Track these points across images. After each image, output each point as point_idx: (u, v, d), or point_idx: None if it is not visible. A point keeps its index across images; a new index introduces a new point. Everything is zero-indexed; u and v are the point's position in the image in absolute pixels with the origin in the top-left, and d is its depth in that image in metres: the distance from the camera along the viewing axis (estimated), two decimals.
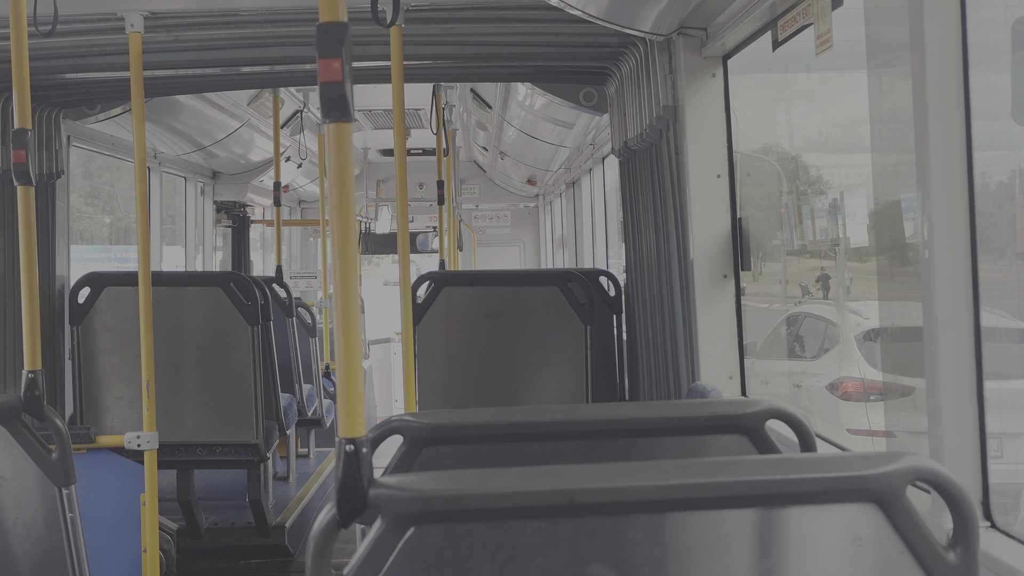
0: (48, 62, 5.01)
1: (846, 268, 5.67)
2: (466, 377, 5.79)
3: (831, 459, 1.69)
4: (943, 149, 2.55)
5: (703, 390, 3.83)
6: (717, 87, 4.41)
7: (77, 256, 7.04)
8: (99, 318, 5.95)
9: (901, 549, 1.59)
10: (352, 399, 1.62)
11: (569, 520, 1.58)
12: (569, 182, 11.86)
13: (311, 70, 5.49)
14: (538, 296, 5.73)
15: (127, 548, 4.59)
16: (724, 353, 4.38)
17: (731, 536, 1.62)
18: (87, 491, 4.37)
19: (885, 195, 4.36)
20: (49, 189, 5.95)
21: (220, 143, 8.89)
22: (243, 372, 6.04)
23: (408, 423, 2.26)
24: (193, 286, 6.15)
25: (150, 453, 4.42)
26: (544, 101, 7.04)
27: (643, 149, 4.90)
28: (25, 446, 3.08)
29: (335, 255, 1.65)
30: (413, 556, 1.55)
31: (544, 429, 2.32)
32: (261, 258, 14.02)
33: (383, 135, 12.20)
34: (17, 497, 3.14)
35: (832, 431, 5.71)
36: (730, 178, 4.43)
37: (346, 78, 1.59)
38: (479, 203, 14.66)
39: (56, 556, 3.16)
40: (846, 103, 5.13)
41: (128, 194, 9.94)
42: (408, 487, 1.56)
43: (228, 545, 6.74)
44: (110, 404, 5.97)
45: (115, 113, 6.35)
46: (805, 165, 6.07)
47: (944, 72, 2.55)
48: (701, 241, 4.38)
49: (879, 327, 5.48)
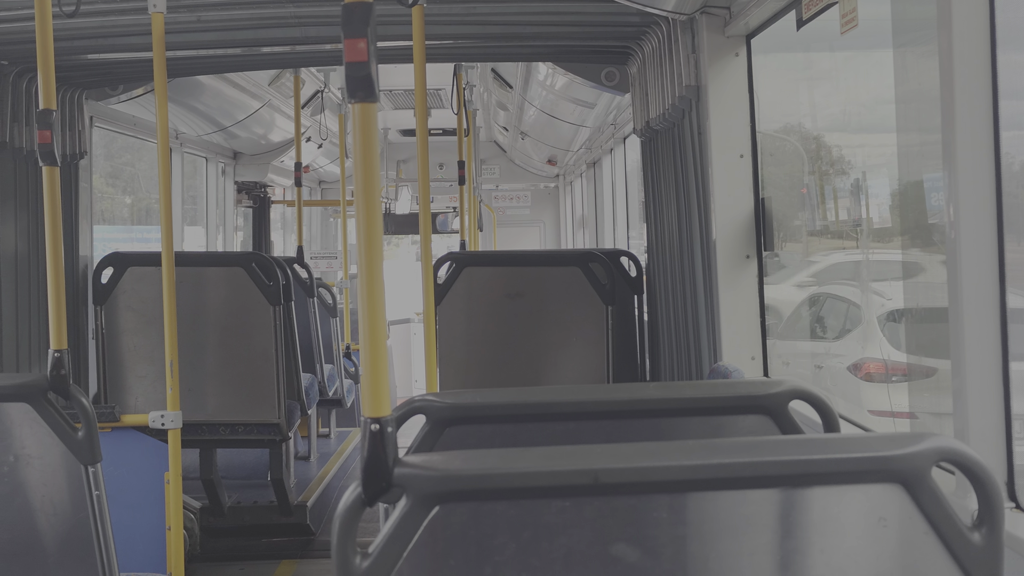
0: (71, 43, 5.03)
1: (868, 248, 5.63)
2: (487, 357, 5.80)
3: (855, 439, 1.68)
4: (970, 129, 2.53)
5: (725, 370, 3.83)
6: (740, 67, 4.38)
7: (99, 236, 7.07)
8: (122, 298, 5.99)
9: (926, 529, 1.59)
10: (377, 379, 1.63)
11: (593, 499, 1.58)
12: (590, 162, 11.83)
13: (332, 50, 5.49)
14: (559, 276, 5.73)
15: (151, 526, 4.63)
16: (746, 334, 4.37)
17: (754, 516, 1.62)
18: (112, 469, 4.40)
19: (909, 175, 4.33)
20: (72, 170, 5.98)
21: (241, 123, 8.90)
22: (265, 352, 6.07)
23: (431, 403, 2.27)
24: (215, 266, 6.17)
25: (174, 432, 4.45)
26: (565, 81, 7.02)
27: (665, 129, 4.88)
28: (52, 425, 3.10)
29: (360, 236, 1.65)
30: (438, 535, 1.56)
31: (566, 409, 2.33)
32: (281, 238, 14.06)
33: (403, 115, 12.20)
34: (44, 475, 3.17)
35: (854, 412, 5.69)
36: (753, 158, 4.41)
37: (371, 58, 1.59)
38: (499, 183, 14.65)
39: (82, 533, 3.19)
40: (870, 82, 5.08)
41: (148, 174, 9.98)
42: (433, 466, 1.57)
43: (250, 523, 6.78)
44: (133, 383, 6.01)
45: (137, 94, 6.37)
46: (827, 145, 6.03)
47: (971, 51, 2.53)
48: (723, 221, 4.36)
49: (903, 308, 5.45)
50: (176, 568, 4.41)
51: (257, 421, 6.15)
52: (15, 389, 3.13)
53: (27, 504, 3.20)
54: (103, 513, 3.19)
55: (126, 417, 4.80)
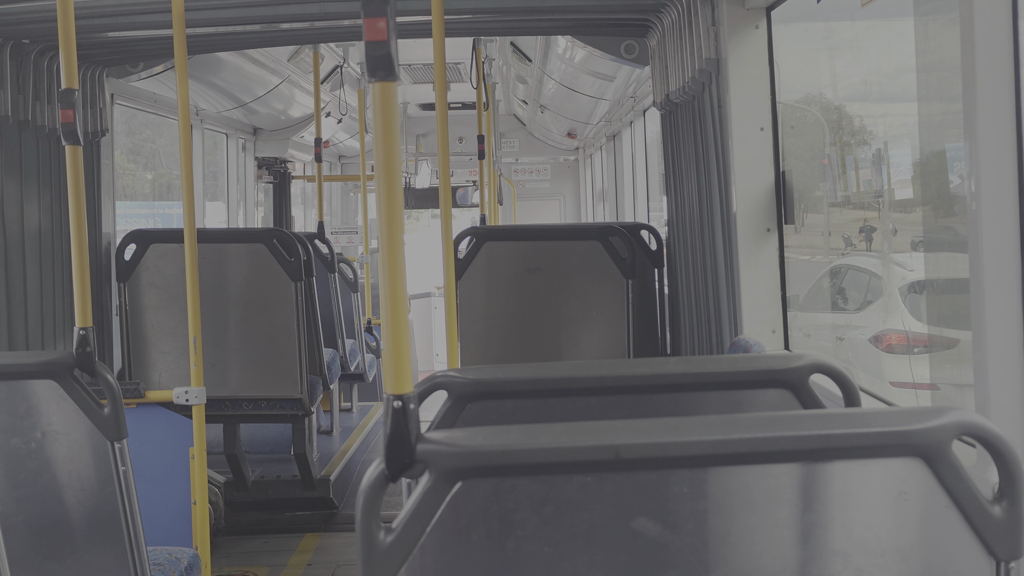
0: (92, 21, 5.04)
1: (890, 219, 5.60)
2: (507, 332, 5.81)
3: (876, 414, 1.69)
4: (991, 98, 2.51)
5: (746, 344, 3.83)
6: (760, 39, 4.36)
7: (120, 212, 7.11)
8: (145, 275, 6.03)
9: (946, 503, 1.59)
10: (399, 355, 1.64)
11: (614, 475, 1.59)
12: (609, 135, 11.78)
13: (351, 26, 5.48)
14: (579, 250, 5.72)
15: (177, 500, 4.68)
16: (767, 307, 4.37)
17: (775, 491, 1.62)
18: (137, 445, 4.44)
19: (931, 145, 4.30)
20: (94, 147, 6.00)
21: (261, 99, 8.91)
22: (287, 328, 6.10)
23: (453, 379, 2.28)
24: (237, 243, 6.20)
25: (198, 408, 4.48)
26: (584, 54, 6.99)
27: (685, 102, 4.86)
28: (78, 401, 3.14)
29: (381, 212, 1.65)
30: (460, 510, 1.58)
31: (587, 384, 2.34)
32: (302, 213, 14.09)
33: (422, 89, 12.17)
34: (71, 451, 3.21)
35: (875, 384, 5.68)
36: (773, 131, 4.39)
37: (391, 36, 1.58)
38: (519, 157, 14.61)
39: (109, 508, 3.23)
40: (891, 52, 5.04)
41: (169, 150, 10.01)
42: (455, 442, 1.58)
43: (274, 498, 6.84)
44: (157, 359, 6.06)
45: (157, 71, 6.39)
46: (848, 115, 6.00)
47: (993, 19, 2.51)
48: (744, 194, 4.35)
49: (924, 279, 5.43)
50: (202, 542, 4.46)
51: (280, 396, 6.20)
52: (42, 367, 3.17)
53: (54, 480, 3.25)
54: (130, 488, 3.23)
55: (151, 393, 4.84)
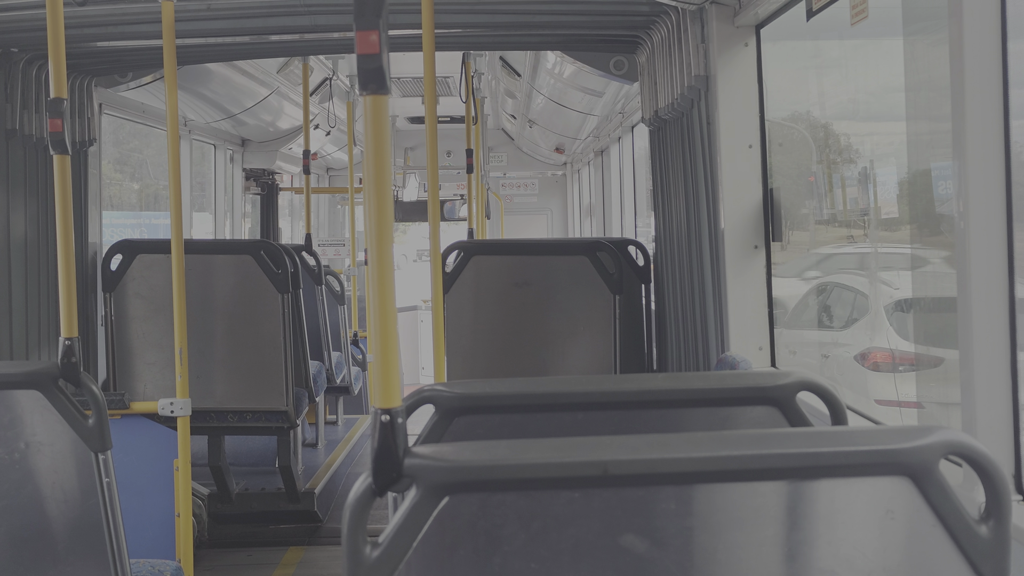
0: (81, 30, 5.03)
1: (876, 238, 5.62)
2: (494, 346, 5.81)
3: (863, 432, 1.69)
4: (980, 118, 2.52)
5: (733, 361, 3.83)
6: (750, 57, 4.38)
7: (107, 222, 7.09)
8: (131, 285, 6.00)
9: (933, 523, 1.59)
10: (387, 370, 1.63)
11: (602, 491, 1.59)
12: (598, 150, 11.81)
13: (341, 38, 5.48)
14: (567, 265, 5.73)
15: (160, 512, 4.65)
16: (754, 324, 4.38)
17: (762, 508, 1.62)
18: (121, 456, 4.41)
19: (918, 164, 4.32)
20: (82, 157, 5.99)
21: (249, 111, 8.91)
22: (273, 340, 6.08)
23: (440, 393, 2.27)
24: (224, 254, 6.18)
25: (183, 419, 4.46)
26: (573, 69, 7.00)
27: (674, 119, 4.88)
28: (62, 412, 3.11)
29: (370, 226, 1.65)
30: (447, 525, 1.57)
31: (575, 400, 2.33)
32: (289, 225, 14.06)
33: (411, 103, 12.18)
34: (54, 462, 3.19)
35: (860, 401, 5.69)
36: (762, 148, 4.41)
37: (383, 50, 1.58)
38: (507, 171, 14.62)
39: (92, 520, 3.21)
40: (879, 71, 5.07)
41: (156, 160, 9.99)
42: (443, 457, 1.58)
43: (258, 510, 6.81)
44: (142, 370, 6.03)
45: (146, 81, 6.37)
46: (835, 133, 6.02)
47: (982, 40, 2.52)
48: (732, 211, 4.36)
49: (910, 297, 5.44)
50: (185, 554, 4.43)
51: (265, 408, 6.17)
52: (26, 377, 3.14)
53: (37, 491, 3.22)
54: (113, 500, 3.20)
55: (135, 404, 4.82)
